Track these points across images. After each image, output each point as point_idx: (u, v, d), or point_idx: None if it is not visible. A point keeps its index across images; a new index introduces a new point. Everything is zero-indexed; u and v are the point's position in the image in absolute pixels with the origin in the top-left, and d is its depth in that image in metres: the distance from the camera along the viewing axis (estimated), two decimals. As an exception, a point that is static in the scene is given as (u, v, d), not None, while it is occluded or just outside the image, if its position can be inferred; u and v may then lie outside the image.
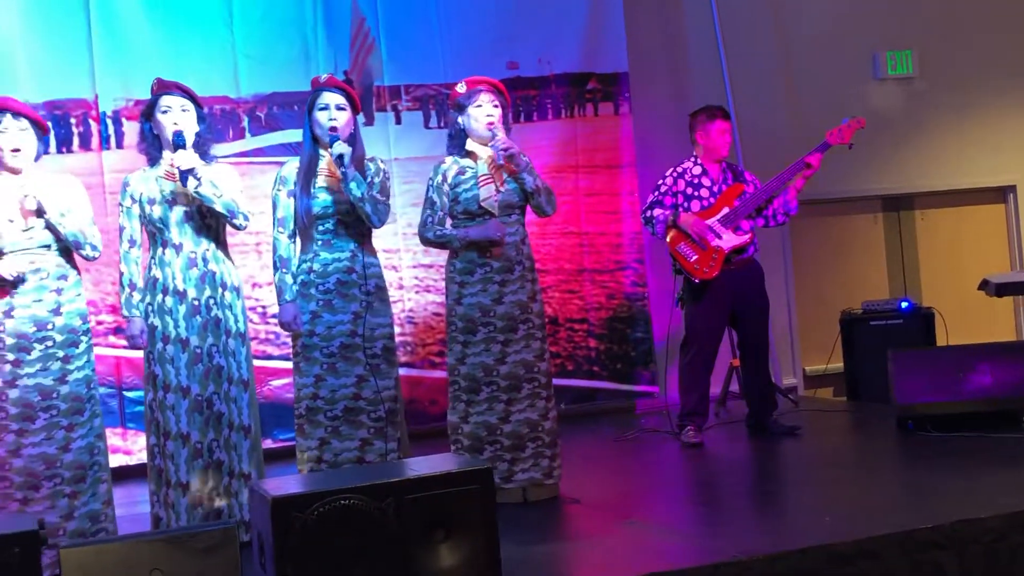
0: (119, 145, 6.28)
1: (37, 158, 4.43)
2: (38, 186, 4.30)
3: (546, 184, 4.90)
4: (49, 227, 4.31)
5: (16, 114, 4.36)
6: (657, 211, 5.87)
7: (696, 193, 5.89)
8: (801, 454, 5.63)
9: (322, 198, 4.53)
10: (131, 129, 6.21)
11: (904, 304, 7.22)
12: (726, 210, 5.80)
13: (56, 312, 4.31)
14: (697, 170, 5.93)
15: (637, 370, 7.16)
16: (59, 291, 4.34)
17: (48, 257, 4.34)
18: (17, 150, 4.33)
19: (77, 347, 4.36)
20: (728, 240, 5.77)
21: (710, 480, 5.40)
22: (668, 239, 5.84)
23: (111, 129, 6.30)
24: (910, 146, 8.07)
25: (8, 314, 4.26)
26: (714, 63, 7.47)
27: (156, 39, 6.40)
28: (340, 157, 4.43)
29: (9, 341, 4.24)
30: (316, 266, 4.54)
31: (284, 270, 4.56)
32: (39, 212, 4.27)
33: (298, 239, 4.61)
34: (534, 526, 4.38)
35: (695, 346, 5.93)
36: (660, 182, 5.97)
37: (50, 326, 4.29)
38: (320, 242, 4.55)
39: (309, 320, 4.51)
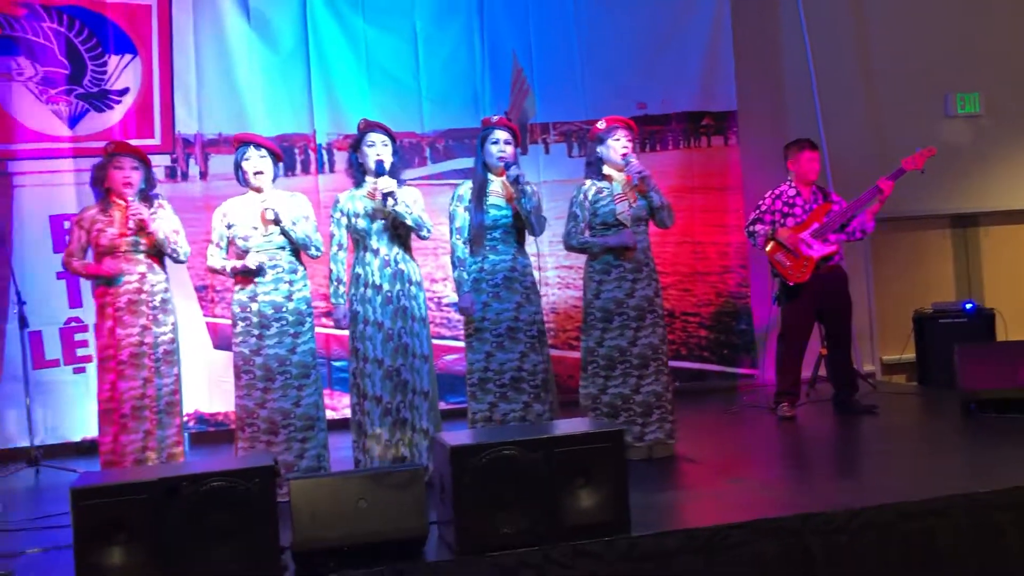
0: (331, 170, 6.53)
1: (274, 179, 4.64)
2: (275, 201, 4.52)
3: (668, 202, 4.92)
4: (284, 233, 4.51)
5: (258, 145, 4.60)
6: (759, 226, 5.82)
7: (791, 211, 5.81)
8: (877, 429, 5.49)
9: (492, 213, 4.64)
10: (340, 157, 6.47)
11: (968, 305, 6.95)
12: (816, 225, 5.71)
13: (288, 298, 4.52)
14: (792, 192, 5.85)
15: (740, 356, 7.08)
16: (291, 282, 4.54)
17: (283, 256, 4.55)
18: (260, 173, 4.56)
19: (303, 325, 4.55)
20: (817, 250, 5.68)
21: (800, 447, 5.32)
22: (767, 249, 5.78)
23: (325, 157, 6.56)
24: (976, 173, 7.75)
25: (254, 299, 4.50)
26: (808, 101, 7.32)
27: (359, 86, 6.64)
28: (516, 179, 4.56)
29: (255, 320, 4.48)
30: (486, 266, 4.64)
31: (461, 268, 4.68)
32: (276, 221, 4.49)
33: (470, 245, 4.72)
34: (657, 478, 4.40)
35: (789, 337, 5.86)
36: (761, 202, 5.92)
37: (284, 309, 4.50)
38: (488, 247, 4.65)
39: (481, 308, 4.61)
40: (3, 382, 6.16)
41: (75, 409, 6.24)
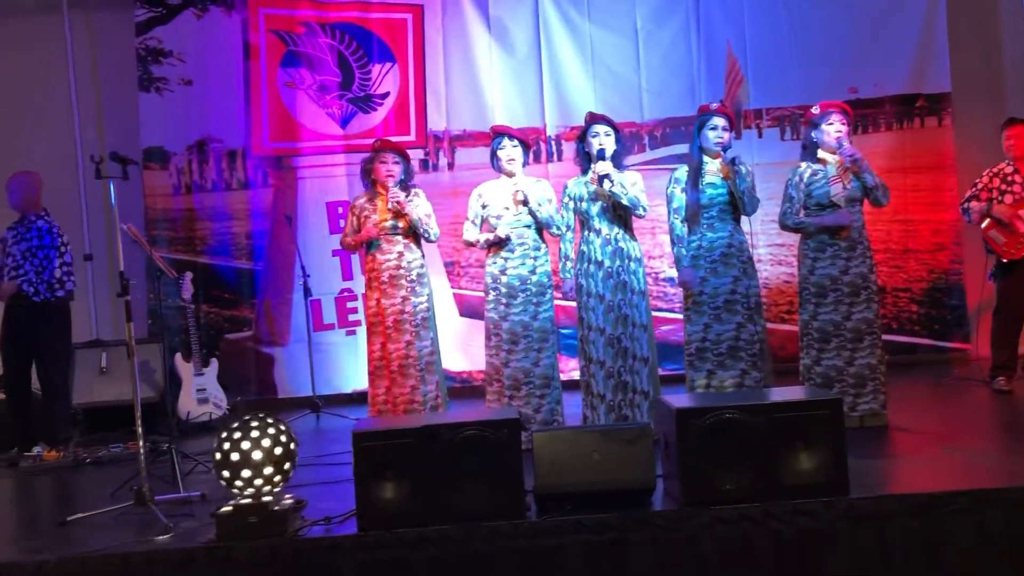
0: (559, 159, 6.59)
1: (524, 166, 4.75)
2: (524, 184, 4.63)
3: (882, 181, 4.62)
4: (531, 213, 4.62)
5: (511, 136, 4.73)
6: (973, 203, 5.36)
7: (1009, 188, 5.30)
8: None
9: (708, 192, 4.52)
10: (567, 148, 6.53)
11: None
12: (1034, 202, 5.19)
13: (532, 272, 4.63)
14: (1009, 169, 5.33)
15: (952, 331, 6.54)
16: (535, 258, 4.65)
17: (528, 234, 4.66)
18: (512, 160, 4.68)
19: (544, 296, 4.65)
20: (1034, 226, 5.16)
21: (1014, 420, 4.86)
22: (983, 226, 5.31)
23: (554, 148, 6.63)
24: None
25: (503, 272, 4.64)
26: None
27: (585, 82, 6.64)
28: (732, 160, 4.45)
29: (503, 290, 4.62)
30: (704, 243, 4.53)
31: (680, 246, 4.60)
32: (525, 202, 4.60)
33: (688, 223, 4.63)
34: (871, 446, 4.15)
35: (1005, 313, 5.35)
36: (977, 180, 5.44)
37: (528, 281, 4.62)
38: (705, 225, 4.54)
39: (699, 283, 4.52)
40: (291, 342, 6.70)
41: (347, 365, 6.68)
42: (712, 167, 4.56)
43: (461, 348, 6.55)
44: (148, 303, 6.43)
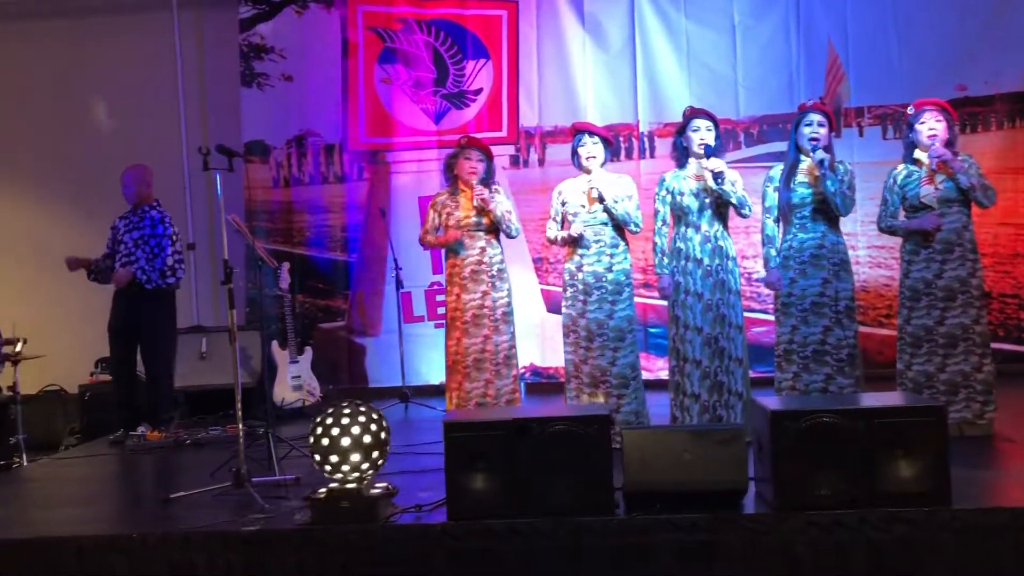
0: (651, 155, 6.55)
1: (603, 164, 4.71)
2: (600, 181, 4.59)
3: (982, 182, 4.41)
4: (607, 210, 4.59)
5: (591, 133, 4.70)
6: None
7: None
8: None
9: (800, 192, 4.42)
10: (660, 144, 6.47)
11: None
12: None
13: (609, 269, 4.59)
14: None
15: (1064, 339, 6.26)
16: (611, 255, 4.60)
17: (605, 231, 4.62)
18: (592, 157, 4.65)
19: (621, 294, 4.59)
20: None
21: None
22: None
23: (646, 144, 6.59)
24: None
25: (580, 268, 4.62)
26: None
27: (679, 78, 6.58)
28: (821, 162, 4.32)
29: (580, 287, 4.60)
30: (794, 243, 4.43)
31: (770, 245, 4.51)
32: (600, 199, 4.57)
33: (780, 223, 4.53)
34: (972, 455, 3.97)
35: None
36: None
37: (604, 279, 4.57)
38: (797, 225, 4.44)
39: (788, 284, 4.43)
40: (382, 333, 6.84)
41: (435, 357, 6.75)
42: (806, 166, 4.45)
43: (548, 343, 6.57)
44: (247, 292, 6.64)
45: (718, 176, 4.35)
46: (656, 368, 6.22)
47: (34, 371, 6.07)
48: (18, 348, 5.74)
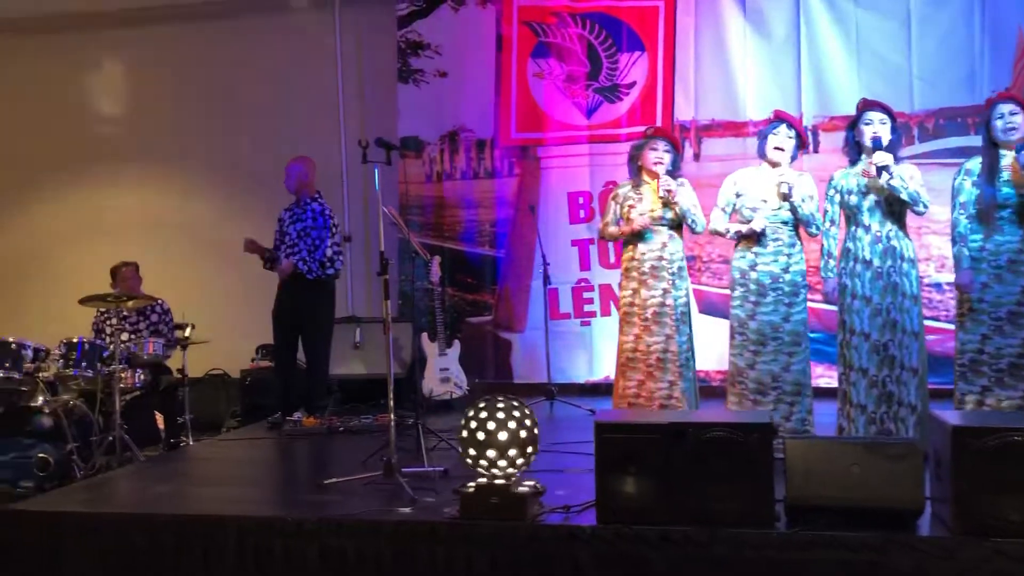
0: (815, 150, 6.23)
1: (792, 159, 4.49)
2: (790, 177, 4.38)
3: None
4: (791, 208, 4.37)
5: (789, 124, 4.48)
6: None
7: None
8: None
9: (1004, 191, 4.07)
10: (825, 139, 6.16)
11: None
12: None
13: (785, 270, 4.38)
14: None
15: None
16: (789, 255, 4.38)
17: (784, 230, 4.40)
18: (780, 149, 4.42)
19: (797, 296, 4.38)
20: None
21: None
22: None
23: (810, 138, 6.28)
24: None
25: (753, 268, 4.41)
26: None
27: (847, 69, 6.24)
28: None
29: (752, 287, 4.40)
30: (990, 245, 4.10)
31: (962, 244, 4.18)
32: (787, 196, 4.35)
33: (977, 220, 4.17)
34: None
35: None
36: None
37: (780, 280, 4.37)
38: (996, 226, 4.10)
39: (980, 289, 4.09)
40: (528, 329, 6.83)
41: (580, 356, 6.71)
42: (1008, 162, 4.09)
43: (700, 346, 6.33)
44: (400, 284, 6.77)
45: (882, 170, 4.07)
46: (816, 375, 5.90)
47: (201, 355, 6.41)
48: (187, 333, 6.08)
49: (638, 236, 4.74)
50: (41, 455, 4.98)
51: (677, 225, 4.79)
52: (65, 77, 7.81)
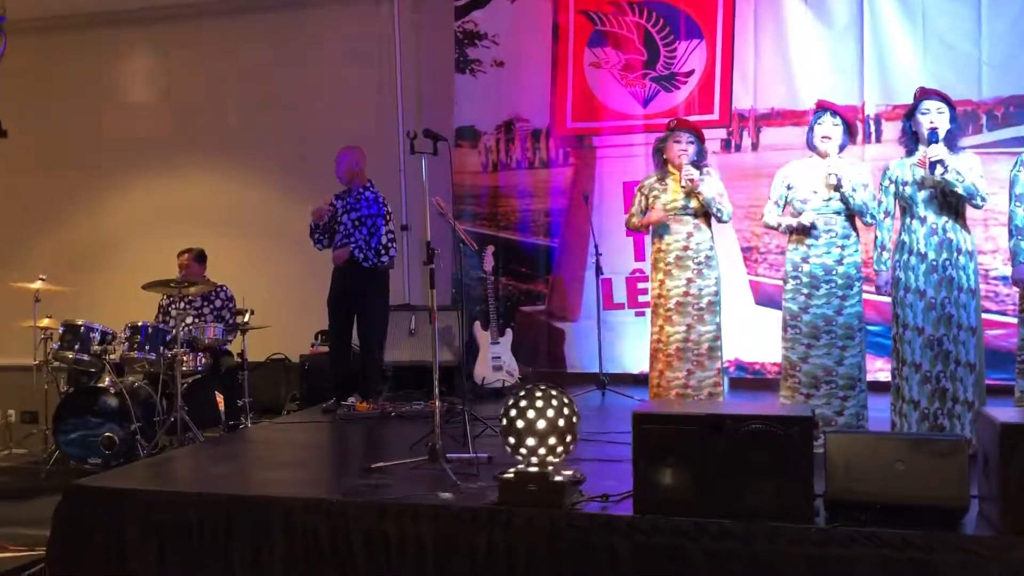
0: (877, 140, 6.09)
1: (841, 149, 4.41)
2: (839, 167, 4.30)
3: None
4: (842, 199, 4.30)
5: (834, 113, 4.40)
6: None
7: None
8: None
9: None
10: (887, 128, 6.01)
11: None
12: None
13: (839, 262, 4.31)
14: None
15: None
16: (843, 247, 4.31)
17: (838, 221, 4.33)
18: (827, 138, 4.35)
19: (851, 289, 4.31)
20: None
21: None
22: None
23: (872, 128, 6.13)
24: None
25: (806, 260, 4.35)
26: None
27: (913, 56, 6.07)
28: None
29: (805, 279, 4.33)
30: (1050, 238, 3.97)
31: (1019, 238, 4.06)
32: (837, 187, 4.28)
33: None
34: None
35: None
36: None
37: (834, 272, 4.30)
38: None
39: (1038, 283, 3.98)
40: (581, 319, 6.83)
41: (635, 346, 6.67)
42: None
43: (755, 338, 6.29)
44: (453, 273, 6.85)
45: (935, 164, 3.95)
46: (874, 369, 5.79)
47: (261, 340, 6.58)
48: (247, 319, 6.26)
49: (662, 227, 4.78)
50: (108, 434, 5.20)
51: (704, 215, 4.76)
52: (135, 73, 8.07)
